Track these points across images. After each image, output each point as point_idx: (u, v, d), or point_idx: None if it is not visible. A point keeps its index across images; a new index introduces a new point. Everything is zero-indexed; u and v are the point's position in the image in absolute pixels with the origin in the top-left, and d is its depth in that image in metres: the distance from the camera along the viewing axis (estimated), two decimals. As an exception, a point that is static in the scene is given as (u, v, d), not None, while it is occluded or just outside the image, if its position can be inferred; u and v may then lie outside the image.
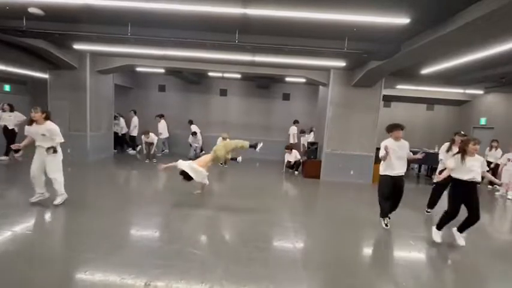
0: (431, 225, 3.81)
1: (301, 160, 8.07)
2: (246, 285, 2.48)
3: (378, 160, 7.40)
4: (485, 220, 5.21)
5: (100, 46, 6.14)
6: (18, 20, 4.91)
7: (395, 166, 3.84)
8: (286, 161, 8.21)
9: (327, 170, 7.40)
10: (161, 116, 9.58)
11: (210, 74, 9.16)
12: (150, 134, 8.03)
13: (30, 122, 4.08)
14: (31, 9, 4.45)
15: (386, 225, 4.04)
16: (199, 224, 3.95)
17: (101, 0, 3.95)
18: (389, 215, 4.10)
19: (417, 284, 2.75)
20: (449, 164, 3.51)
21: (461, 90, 8.63)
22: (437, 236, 3.65)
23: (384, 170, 3.94)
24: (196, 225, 3.86)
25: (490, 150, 7.42)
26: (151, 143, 8.09)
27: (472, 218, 3.44)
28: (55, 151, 4.02)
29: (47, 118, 4.03)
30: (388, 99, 10.06)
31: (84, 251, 2.89)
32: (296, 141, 9.90)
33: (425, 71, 6.80)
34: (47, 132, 3.96)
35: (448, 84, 8.21)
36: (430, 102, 10.36)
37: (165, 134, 9.64)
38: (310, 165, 7.59)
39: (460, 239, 3.60)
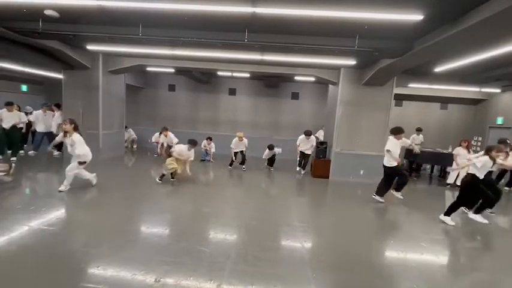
0: (445, 227, 3.70)
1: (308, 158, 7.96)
2: (253, 284, 2.48)
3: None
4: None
5: (112, 47, 6.27)
6: (34, 22, 5.08)
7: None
8: (299, 151, 7.88)
9: (336, 169, 7.32)
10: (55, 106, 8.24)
11: (219, 73, 9.20)
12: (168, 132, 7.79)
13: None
14: (47, 12, 4.58)
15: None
16: (207, 222, 3.98)
17: (114, 1, 4.04)
18: None
19: (429, 286, 2.69)
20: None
21: (476, 89, 8.34)
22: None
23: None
24: (204, 224, 3.89)
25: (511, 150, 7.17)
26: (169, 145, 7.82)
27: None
28: None
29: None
30: (399, 98, 9.85)
31: (96, 247, 2.97)
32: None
33: (439, 69, 6.61)
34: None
35: (462, 82, 7.96)
36: (444, 101, 10.06)
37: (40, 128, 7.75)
38: (319, 165, 7.52)
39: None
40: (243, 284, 2.47)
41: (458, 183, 7.12)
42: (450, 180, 7.24)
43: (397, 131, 5.19)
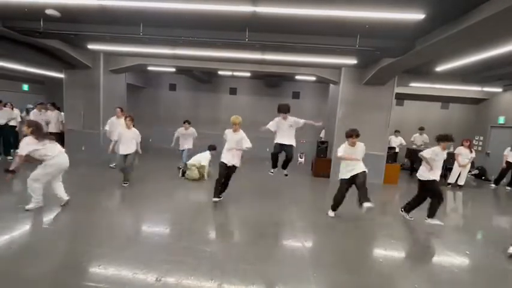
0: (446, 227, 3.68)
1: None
2: (254, 283, 2.49)
3: (388, 160, 7.30)
4: None
5: (113, 46, 6.28)
6: (36, 21, 5.09)
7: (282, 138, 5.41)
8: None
9: (337, 169, 7.29)
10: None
11: (220, 72, 9.20)
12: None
13: None
14: (48, 11, 4.59)
15: (272, 172, 5.37)
16: (208, 221, 3.99)
17: (115, 1, 4.05)
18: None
19: (430, 285, 2.69)
20: None
21: (478, 88, 8.30)
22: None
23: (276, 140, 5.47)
24: (205, 223, 3.90)
25: None
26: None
27: None
28: None
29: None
30: (401, 98, 9.81)
31: (98, 246, 2.98)
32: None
33: (440, 68, 6.60)
34: None
35: (464, 81, 7.93)
36: (445, 100, 10.02)
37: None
38: (320, 164, 7.52)
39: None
40: (243, 283, 2.47)
41: (459, 183, 7.15)
42: (451, 179, 7.23)
43: (443, 138, 4.39)
